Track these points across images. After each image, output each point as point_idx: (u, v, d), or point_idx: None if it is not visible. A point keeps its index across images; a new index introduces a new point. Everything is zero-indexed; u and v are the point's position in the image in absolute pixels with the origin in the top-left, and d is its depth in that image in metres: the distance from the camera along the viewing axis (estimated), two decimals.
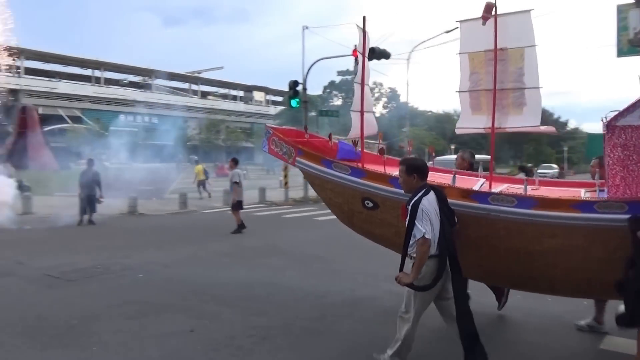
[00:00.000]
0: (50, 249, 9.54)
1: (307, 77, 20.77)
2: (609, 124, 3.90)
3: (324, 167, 5.22)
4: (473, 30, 4.60)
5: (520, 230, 4.08)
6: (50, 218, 13.44)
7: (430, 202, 3.87)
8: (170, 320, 5.30)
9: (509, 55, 4.46)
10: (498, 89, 4.49)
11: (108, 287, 6.63)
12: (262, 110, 79.73)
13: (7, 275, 7.27)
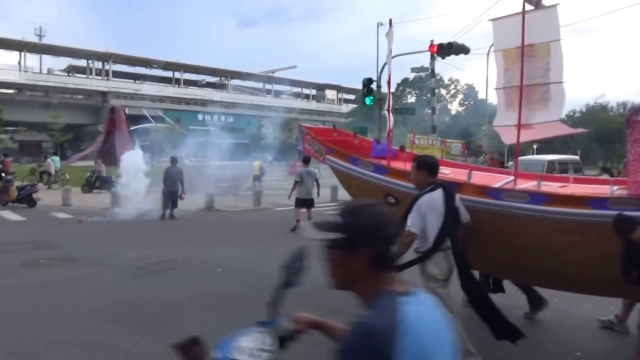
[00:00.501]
0: (135, 241, 10.18)
1: (381, 75, 20.65)
2: (629, 120, 3.79)
3: (350, 164, 5.48)
4: (504, 28, 4.66)
5: (534, 226, 4.03)
6: (136, 212, 14.33)
7: (432, 199, 4.01)
8: (248, 314, 5.46)
9: (536, 51, 4.46)
10: (526, 84, 4.47)
11: (189, 279, 6.98)
12: (335, 108, 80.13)
13: (99, 265, 7.85)
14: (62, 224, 12.80)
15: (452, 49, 18.67)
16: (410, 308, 1.29)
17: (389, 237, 1.40)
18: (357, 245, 1.38)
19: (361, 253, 1.38)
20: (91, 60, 64.62)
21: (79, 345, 4.53)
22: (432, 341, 1.29)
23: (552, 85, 4.46)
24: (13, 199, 15.65)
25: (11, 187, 15.87)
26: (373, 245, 1.37)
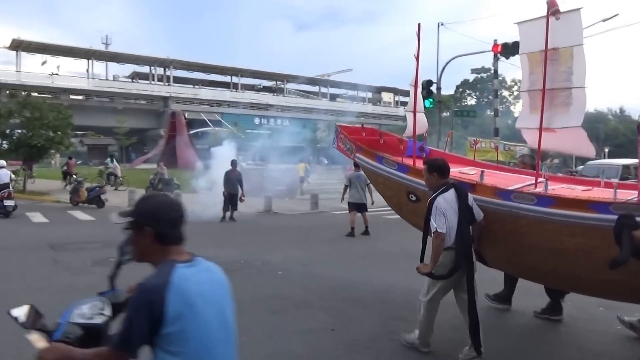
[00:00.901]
0: (198, 242, 10.32)
1: (441, 77, 20.31)
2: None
3: (376, 163, 5.79)
4: (530, 31, 4.71)
5: (541, 227, 4.14)
6: (196, 214, 14.73)
7: (446, 199, 4.24)
8: (310, 317, 5.51)
9: (559, 55, 4.49)
10: (548, 88, 4.54)
11: (251, 281, 7.07)
12: (391, 111, 79.49)
13: None
14: None
15: (517, 49, 17.98)
16: (181, 271, 1.77)
17: (169, 219, 1.87)
18: (142, 226, 1.85)
19: (146, 232, 1.84)
20: (153, 67, 67.22)
21: None
22: (197, 297, 1.75)
23: (574, 90, 4.49)
24: (83, 199, 16.53)
25: (81, 189, 16.79)
26: (154, 225, 1.83)
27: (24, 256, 8.65)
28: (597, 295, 4.59)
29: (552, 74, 4.55)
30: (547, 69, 4.52)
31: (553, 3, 4.38)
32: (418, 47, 5.69)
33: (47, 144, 19.75)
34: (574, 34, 4.42)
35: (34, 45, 58.08)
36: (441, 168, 4.47)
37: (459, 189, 4.33)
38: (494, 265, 5.02)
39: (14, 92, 23.44)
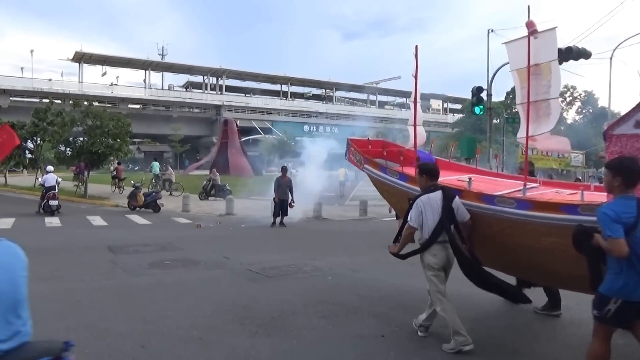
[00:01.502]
0: (249, 247, 10.61)
1: (492, 83, 19.81)
2: (606, 133, 4.20)
3: (381, 172, 6.35)
4: (516, 50, 5.16)
5: (522, 228, 4.48)
6: (248, 219, 14.99)
7: (430, 199, 4.75)
8: (360, 323, 5.45)
9: (541, 70, 4.96)
10: (533, 100, 5.03)
11: (301, 286, 7.09)
12: (440, 118, 78.41)
13: (218, 268, 8.28)
14: (182, 228, 13.74)
15: (571, 54, 17.42)
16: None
17: None
18: None
19: None
20: (206, 76, 69.18)
21: (203, 343, 4.74)
22: None
23: (551, 100, 5.02)
24: (141, 204, 17.16)
25: (139, 194, 17.44)
26: None
27: (84, 257, 9.05)
28: (578, 291, 4.73)
29: (536, 87, 5.03)
30: (532, 83, 4.96)
31: (531, 24, 4.86)
32: (416, 67, 6.13)
33: (107, 151, 20.64)
34: (550, 51, 4.97)
35: (95, 58, 61.10)
36: (430, 171, 4.99)
37: (446, 192, 4.81)
38: (486, 264, 5.26)
39: (77, 101, 24.69)
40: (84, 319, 5.41)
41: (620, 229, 3.34)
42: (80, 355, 4.35)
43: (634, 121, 4.03)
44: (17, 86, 55.62)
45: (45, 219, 14.68)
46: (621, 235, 3.33)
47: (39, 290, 6.61)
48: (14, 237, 8.34)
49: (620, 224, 3.35)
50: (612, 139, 4.15)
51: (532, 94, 5.00)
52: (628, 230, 3.35)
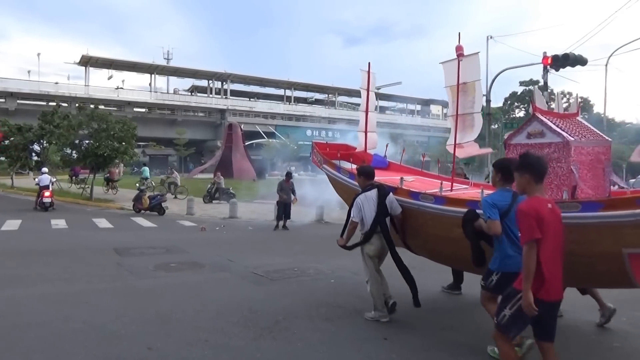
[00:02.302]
0: (253, 250, 10.68)
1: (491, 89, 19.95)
2: (506, 142, 5.17)
3: (336, 172, 7.22)
4: (449, 69, 5.86)
5: (440, 221, 5.19)
6: (251, 222, 15.08)
7: (367, 196, 5.59)
8: (363, 325, 5.51)
9: (467, 88, 5.77)
10: (461, 114, 5.84)
11: (305, 288, 7.16)
12: (439, 123, 78.59)
13: (222, 271, 8.36)
14: (187, 231, 13.84)
15: (567, 61, 17.57)
16: None
17: None
18: None
19: None
20: (211, 81, 69.37)
21: (209, 345, 4.80)
22: None
23: (475, 114, 5.84)
24: (146, 207, 17.29)
25: (144, 197, 17.57)
26: None
27: (91, 259, 9.14)
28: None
29: (463, 102, 5.80)
30: (460, 99, 5.77)
31: (459, 48, 5.66)
32: (368, 80, 7.22)
33: (112, 154, 20.78)
34: (475, 72, 5.72)
35: (101, 61, 61.39)
36: (367, 173, 5.86)
37: (380, 190, 5.64)
38: (415, 252, 6.19)
39: (83, 105, 24.89)
40: (91, 321, 5.47)
41: (496, 213, 4.23)
42: (87, 357, 4.44)
43: (525, 133, 4.99)
44: (24, 89, 55.90)
45: (51, 221, 14.80)
46: (496, 218, 4.23)
47: (45, 292, 6.73)
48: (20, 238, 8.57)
49: (497, 209, 4.24)
50: (510, 147, 5.12)
51: (460, 108, 5.80)
52: (503, 215, 4.25)
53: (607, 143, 5.10)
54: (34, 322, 5.41)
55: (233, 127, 45.32)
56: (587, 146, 4.81)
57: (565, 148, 4.63)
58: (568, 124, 5.03)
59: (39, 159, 25.77)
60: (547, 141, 4.78)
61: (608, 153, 5.05)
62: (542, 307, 3.43)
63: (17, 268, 8.26)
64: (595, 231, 3.92)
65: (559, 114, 5.21)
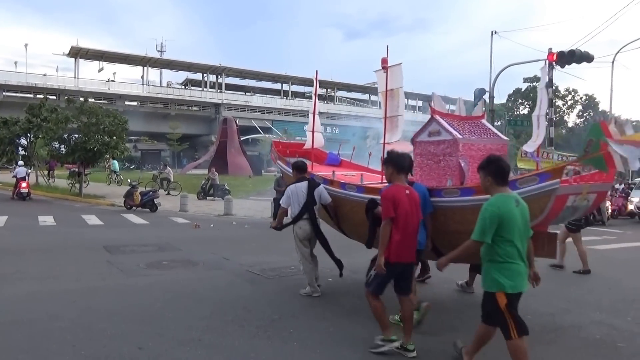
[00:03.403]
0: (249, 247, 10.50)
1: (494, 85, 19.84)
2: (413, 140, 6.13)
3: (285, 166, 8.12)
4: (380, 77, 6.58)
5: (360, 206, 5.78)
6: (246, 219, 14.88)
7: (297, 187, 6.50)
8: (360, 324, 5.37)
9: (394, 94, 6.49)
10: (389, 116, 6.58)
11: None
12: None
13: (217, 269, 8.20)
14: (180, 228, 13.63)
15: (573, 57, 17.48)
16: None
17: None
18: None
19: None
20: (206, 74, 68.91)
21: (202, 345, 4.67)
22: None
23: (399, 117, 6.57)
24: (137, 203, 17.02)
25: (135, 193, 17.28)
26: None
27: (80, 257, 8.93)
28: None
29: (391, 106, 6.53)
30: (388, 103, 6.51)
31: (384, 61, 6.36)
32: (315, 87, 8.38)
33: (102, 149, 20.41)
34: (398, 80, 6.41)
35: (92, 53, 60.71)
36: (299, 167, 6.83)
37: (311, 182, 6.55)
38: (348, 235, 7.19)
39: (72, 98, 24.48)
40: (79, 320, 5.32)
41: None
42: (76, 356, 4.29)
43: (427, 132, 5.96)
44: (10, 81, 55.07)
45: (38, 218, 14.49)
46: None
47: (34, 291, 6.54)
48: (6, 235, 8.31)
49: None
50: (416, 144, 6.08)
51: (388, 111, 6.58)
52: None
53: (503, 142, 6.03)
54: (20, 320, 5.24)
55: (228, 121, 44.98)
56: (478, 143, 5.73)
57: (455, 145, 5.60)
58: (465, 124, 5.99)
59: (25, 153, 25.18)
60: (442, 139, 5.78)
61: (504, 150, 5.91)
62: (396, 268, 4.46)
63: (2, 266, 8.03)
64: (471, 212, 4.56)
65: (459, 117, 6.21)
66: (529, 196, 4.58)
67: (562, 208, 4.89)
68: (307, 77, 72.64)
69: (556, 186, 4.62)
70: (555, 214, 4.92)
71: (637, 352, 4.86)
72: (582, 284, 7.73)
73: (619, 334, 5.34)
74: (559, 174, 4.63)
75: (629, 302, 6.73)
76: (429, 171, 5.90)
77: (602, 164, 4.58)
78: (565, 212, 5.06)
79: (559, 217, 5.30)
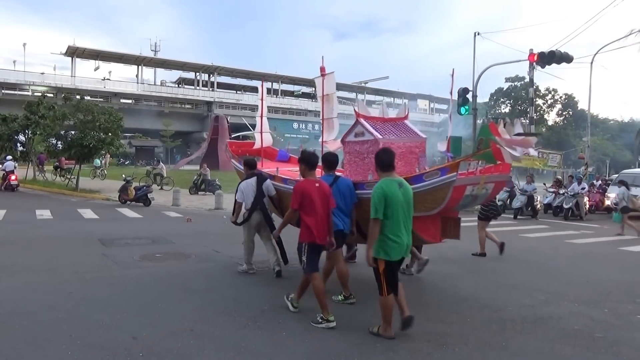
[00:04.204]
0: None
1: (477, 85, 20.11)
2: (342, 140, 6.98)
3: (238, 163, 8.78)
4: (318, 83, 7.28)
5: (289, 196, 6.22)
6: None
7: (247, 183, 7.30)
8: (348, 315, 5.56)
9: (329, 98, 7.33)
10: (326, 118, 7.36)
11: (291, 279, 7.04)
12: (426, 118, 79.15)
13: (208, 261, 8.38)
14: (173, 222, 13.77)
15: (553, 58, 17.86)
16: None
17: None
18: None
19: None
20: (198, 73, 68.84)
21: (194, 335, 4.81)
22: None
23: (334, 119, 7.35)
24: (131, 198, 17.16)
25: (130, 188, 17.43)
26: None
27: (75, 250, 9.08)
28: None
29: (327, 109, 7.29)
30: (325, 107, 7.25)
31: (322, 69, 7.08)
32: (262, 95, 8.99)
33: (98, 145, 20.56)
34: (332, 86, 7.29)
35: (88, 52, 60.58)
36: (249, 164, 7.62)
37: (259, 177, 7.31)
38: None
39: (69, 95, 24.56)
40: (76, 311, 5.46)
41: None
42: (72, 346, 4.43)
43: (354, 133, 6.76)
44: (9, 79, 55.17)
45: (36, 212, 14.62)
46: None
47: (29, 282, 6.68)
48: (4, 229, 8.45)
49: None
50: (345, 143, 6.90)
51: (325, 114, 7.29)
52: None
53: (422, 140, 6.88)
54: (17, 311, 5.38)
55: (219, 119, 45.08)
56: (397, 142, 6.50)
57: (376, 144, 6.27)
58: (386, 126, 6.81)
59: (24, 149, 25.40)
60: (366, 139, 6.58)
61: (422, 147, 6.84)
62: (319, 247, 5.44)
63: (0, 258, 8.17)
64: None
65: (382, 118, 7.03)
66: (433, 187, 5.56)
67: (462, 196, 5.80)
68: (296, 76, 72.77)
69: (454, 178, 5.45)
70: (457, 201, 5.82)
71: (614, 342, 5.01)
72: (561, 278, 7.96)
73: (597, 325, 5.54)
74: (455, 168, 5.48)
75: (606, 294, 6.97)
76: (356, 167, 6.70)
77: (491, 158, 5.57)
78: (465, 199, 5.97)
79: (462, 204, 6.10)
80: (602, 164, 50.39)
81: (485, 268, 8.57)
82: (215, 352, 4.44)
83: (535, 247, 11.16)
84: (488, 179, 6.10)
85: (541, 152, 21.69)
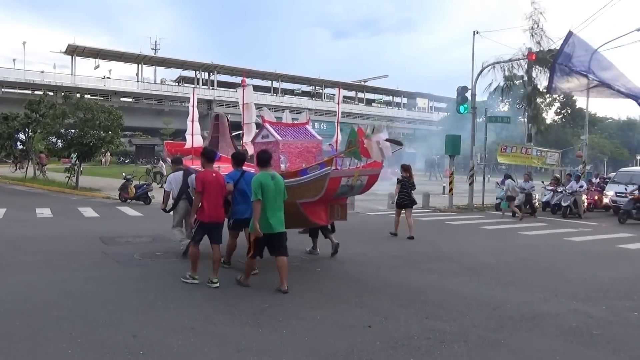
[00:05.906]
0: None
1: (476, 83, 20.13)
2: (252, 140, 8.60)
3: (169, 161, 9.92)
4: (240, 93, 9.04)
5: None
6: None
7: (175, 176, 8.37)
8: (347, 314, 5.59)
9: (249, 106, 9.07)
10: (246, 122, 9.14)
11: (290, 277, 7.06)
12: (425, 116, 79.22)
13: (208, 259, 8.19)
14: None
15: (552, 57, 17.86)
16: None
17: None
18: None
19: None
20: (198, 71, 68.78)
21: (194, 333, 4.82)
22: None
23: (252, 124, 9.08)
24: (132, 196, 17.19)
25: (130, 186, 17.46)
26: None
27: (76, 248, 9.10)
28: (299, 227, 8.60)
29: (247, 116, 9.00)
30: (245, 114, 8.97)
31: (244, 81, 8.54)
32: (193, 100, 10.68)
33: (98, 143, 20.60)
34: (250, 96, 9.14)
35: (88, 51, 60.49)
36: (176, 161, 8.90)
37: (185, 172, 8.28)
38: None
39: (68, 94, 24.61)
40: (76, 309, 5.48)
41: (232, 182, 6.89)
42: (72, 344, 4.45)
43: (261, 135, 8.13)
44: (9, 78, 55.04)
45: (36, 210, 14.65)
46: (231, 183, 6.87)
47: (31, 280, 6.70)
48: (5, 227, 8.45)
49: (231, 179, 6.91)
50: (255, 144, 8.33)
51: (245, 119, 9.00)
52: (235, 183, 6.92)
53: (318, 141, 8.27)
54: (18, 309, 5.40)
55: (220, 117, 44.16)
56: (295, 143, 7.93)
57: (277, 145, 7.71)
58: (287, 130, 8.13)
59: (24, 147, 25.45)
60: (270, 140, 7.86)
61: (319, 147, 8.23)
62: (208, 225, 6.59)
63: (1, 256, 8.20)
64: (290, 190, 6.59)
65: (285, 124, 8.46)
66: (314, 178, 6.88)
67: (338, 186, 6.98)
68: (296, 75, 72.79)
69: (329, 171, 6.77)
70: (334, 190, 6.97)
71: (612, 339, 5.05)
72: (559, 275, 8.00)
73: (595, 322, 5.58)
74: (330, 163, 6.98)
75: (604, 291, 7.00)
76: None
77: (357, 156, 6.91)
78: (342, 188, 7.07)
79: (340, 192, 7.17)
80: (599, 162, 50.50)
81: (484, 266, 8.59)
82: (215, 349, 4.45)
83: (534, 245, 11.19)
84: (362, 173, 7.18)
85: (539, 151, 21.70)
